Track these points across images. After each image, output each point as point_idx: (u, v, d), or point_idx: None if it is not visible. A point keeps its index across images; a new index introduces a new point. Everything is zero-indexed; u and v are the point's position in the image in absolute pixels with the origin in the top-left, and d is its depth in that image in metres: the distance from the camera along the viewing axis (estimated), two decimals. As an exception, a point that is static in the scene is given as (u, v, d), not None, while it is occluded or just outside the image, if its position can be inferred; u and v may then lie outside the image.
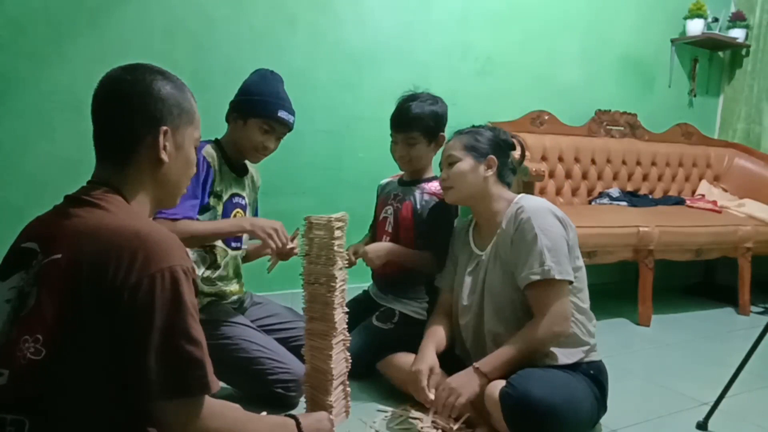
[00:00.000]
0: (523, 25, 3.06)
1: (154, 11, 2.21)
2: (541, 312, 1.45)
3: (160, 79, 0.96)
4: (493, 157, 1.61)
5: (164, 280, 0.80)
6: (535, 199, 1.57)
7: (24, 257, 0.86)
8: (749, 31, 3.67)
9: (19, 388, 0.78)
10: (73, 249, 0.82)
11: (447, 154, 1.66)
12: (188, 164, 1.01)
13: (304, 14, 2.50)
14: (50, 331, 0.79)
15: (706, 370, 2.12)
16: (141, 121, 0.93)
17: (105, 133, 0.97)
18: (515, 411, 1.32)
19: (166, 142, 0.95)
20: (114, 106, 0.95)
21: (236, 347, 1.59)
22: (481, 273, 1.60)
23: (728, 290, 3.12)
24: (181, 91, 0.99)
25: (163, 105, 0.95)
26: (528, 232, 1.47)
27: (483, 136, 1.65)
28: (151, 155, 0.94)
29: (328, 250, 1.44)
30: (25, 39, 2.03)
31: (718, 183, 3.61)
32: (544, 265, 1.43)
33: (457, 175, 1.61)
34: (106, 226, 0.84)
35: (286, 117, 1.71)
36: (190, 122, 1.00)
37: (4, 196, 2.04)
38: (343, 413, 1.57)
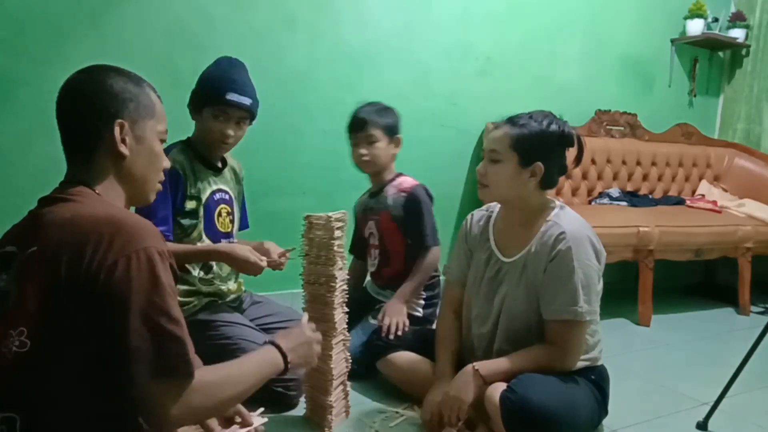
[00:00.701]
0: (523, 25, 3.06)
1: (154, 11, 2.21)
2: (556, 346, 1.42)
3: (113, 75, 0.98)
4: (540, 166, 1.44)
5: (140, 261, 0.80)
6: (575, 222, 1.46)
7: (3, 261, 0.87)
8: (749, 31, 3.66)
9: (8, 385, 0.79)
10: (48, 240, 0.83)
11: (491, 147, 1.48)
12: (153, 157, 1.01)
13: (304, 14, 2.50)
14: (33, 322, 0.79)
15: (706, 370, 2.12)
16: (96, 117, 0.95)
17: (67, 134, 0.99)
18: (515, 416, 1.31)
19: (124, 135, 0.95)
20: (70, 106, 0.98)
21: (236, 347, 1.59)
22: (502, 287, 1.52)
23: (728, 290, 3.12)
24: (137, 86, 0.99)
25: (117, 99, 0.96)
26: (566, 264, 1.39)
27: (535, 133, 1.45)
28: (112, 149, 0.95)
29: (327, 250, 1.44)
30: (25, 39, 2.02)
31: (718, 183, 3.61)
32: (577, 305, 1.39)
33: (495, 177, 1.47)
34: (80, 216, 0.86)
35: (236, 99, 1.62)
36: (149, 115, 0.99)
37: (4, 195, 2.03)
38: (343, 413, 1.58)
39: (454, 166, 2.99)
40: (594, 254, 1.44)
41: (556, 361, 1.42)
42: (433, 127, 2.87)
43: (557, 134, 1.46)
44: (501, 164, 1.46)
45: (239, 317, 1.70)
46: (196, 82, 1.69)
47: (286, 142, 2.52)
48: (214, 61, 1.73)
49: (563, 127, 1.47)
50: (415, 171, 2.82)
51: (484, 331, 1.56)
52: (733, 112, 3.81)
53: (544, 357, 1.42)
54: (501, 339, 1.52)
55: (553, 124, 1.46)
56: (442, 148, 2.91)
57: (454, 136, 2.94)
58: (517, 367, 1.42)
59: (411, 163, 2.82)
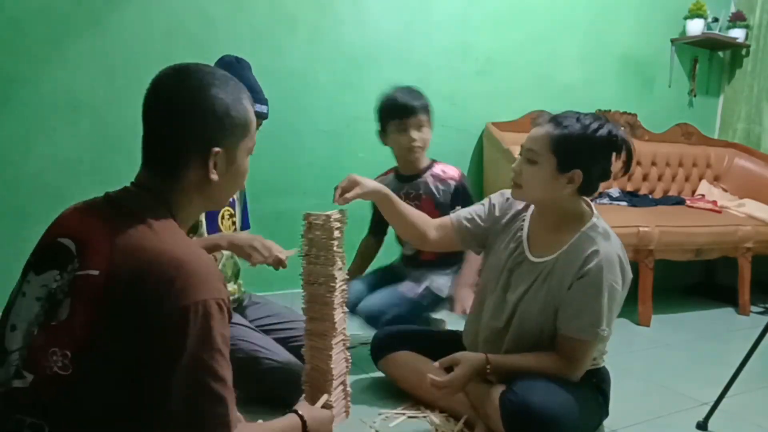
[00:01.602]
0: (523, 25, 3.06)
1: (155, 11, 2.21)
2: (567, 359, 1.41)
3: (216, 91, 0.90)
4: (579, 173, 1.36)
5: (197, 314, 0.78)
6: (609, 241, 1.40)
7: (59, 255, 0.84)
8: (749, 31, 3.67)
9: (42, 396, 0.78)
10: (110, 268, 0.80)
11: (528, 146, 1.40)
12: (240, 176, 0.97)
13: (304, 14, 2.50)
14: (79, 349, 0.78)
15: (706, 370, 2.12)
16: (192, 141, 0.89)
17: (153, 143, 0.91)
18: (515, 417, 1.31)
19: (218, 160, 0.90)
20: (164, 119, 0.89)
21: (235, 347, 1.59)
22: (521, 284, 1.47)
23: (728, 290, 3.12)
24: (237, 100, 0.92)
25: (217, 123, 0.90)
26: (595, 285, 1.34)
27: (579, 138, 1.35)
28: (201, 174, 0.90)
29: (327, 250, 1.44)
30: (25, 39, 2.02)
31: (718, 183, 3.61)
32: (599, 327, 1.35)
33: (530, 179, 1.40)
34: (146, 248, 0.81)
35: (257, 109, 1.62)
36: (244, 135, 0.95)
37: (4, 196, 2.03)
38: (343, 413, 1.57)
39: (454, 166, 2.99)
40: (621, 276, 1.39)
41: (564, 373, 1.40)
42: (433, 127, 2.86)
43: (604, 139, 1.36)
44: (537, 166, 1.38)
45: (239, 318, 1.70)
46: None
47: (286, 142, 2.52)
48: (222, 63, 1.70)
49: (614, 131, 1.38)
50: (415, 171, 2.84)
51: (498, 325, 1.51)
52: (733, 112, 3.81)
53: (552, 366, 1.41)
54: (511, 339, 1.49)
55: (601, 129, 1.36)
56: (442, 148, 2.89)
57: (454, 136, 2.94)
58: (524, 367, 1.41)
59: (411, 163, 2.83)
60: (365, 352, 1.84)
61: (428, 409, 1.65)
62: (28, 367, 0.80)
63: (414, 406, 1.68)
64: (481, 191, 3.01)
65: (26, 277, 0.87)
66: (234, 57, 1.72)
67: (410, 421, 1.61)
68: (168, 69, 0.93)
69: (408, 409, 1.67)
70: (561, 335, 1.41)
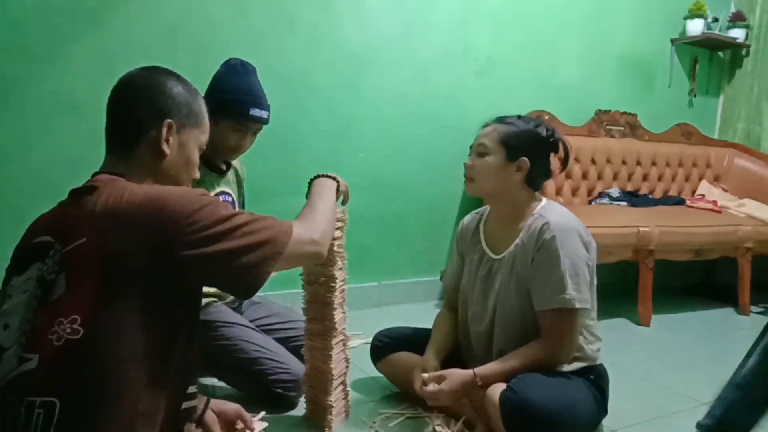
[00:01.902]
0: (523, 25, 3.06)
1: (155, 11, 2.21)
2: (551, 337, 1.43)
3: (173, 79, 1.02)
4: (525, 160, 1.49)
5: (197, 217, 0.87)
6: (561, 214, 1.48)
7: (38, 251, 0.88)
8: (749, 31, 3.66)
9: (52, 371, 0.80)
10: (95, 231, 0.85)
11: (480, 141, 1.53)
12: (189, 164, 1.04)
13: (304, 14, 2.50)
14: (89, 311, 0.81)
15: (706, 370, 2.12)
16: (148, 113, 0.98)
17: (114, 125, 1.01)
18: (515, 416, 1.31)
19: (170, 136, 0.99)
20: (125, 99, 1.00)
21: (235, 348, 1.59)
22: (495, 284, 1.54)
23: (728, 290, 3.12)
24: (192, 95, 1.03)
25: (172, 101, 0.99)
26: (551, 253, 1.41)
27: (523, 131, 1.51)
28: (154, 146, 0.98)
29: (327, 250, 1.44)
30: (25, 39, 2.03)
31: (718, 183, 3.61)
32: (564, 293, 1.39)
33: (482, 170, 1.51)
34: (121, 202, 0.87)
35: (258, 114, 1.64)
36: (196, 125, 1.03)
37: (4, 196, 2.03)
38: (343, 413, 1.58)
39: (454, 166, 2.96)
40: (582, 244, 1.45)
41: (552, 354, 1.42)
42: (433, 127, 2.87)
43: (544, 136, 1.52)
44: (488, 156, 1.50)
45: (238, 317, 1.70)
46: (210, 86, 1.66)
47: (286, 142, 2.52)
48: (227, 66, 1.69)
49: (552, 131, 1.54)
50: (416, 171, 2.84)
51: (480, 330, 1.57)
52: (733, 112, 3.81)
53: (538, 352, 1.42)
54: (499, 337, 1.52)
55: (540, 127, 1.53)
56: (442, 148, 2.91)
57: (454, 136, 2.94)
58: (512, 368, 1.42)
59: (411, 163, 2.83)
60: (365, 352, 1.84)
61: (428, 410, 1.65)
62: (31, 349, 0.81)
63: (413, 406, 1.68)
64: (481, 191, 3.02)
65: (9, 282, 0.90)
66: (239, 60, 1.70)
67: (410, 421, 1.61)
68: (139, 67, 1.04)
69: (408, 409, 1.67)
70: (538, 314, 1.45)
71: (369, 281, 2.78)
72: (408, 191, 2.85)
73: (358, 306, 2.52)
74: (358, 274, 2.46)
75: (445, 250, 3.00)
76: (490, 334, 1.55)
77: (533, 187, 1.53)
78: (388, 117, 2.75)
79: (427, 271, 2.96)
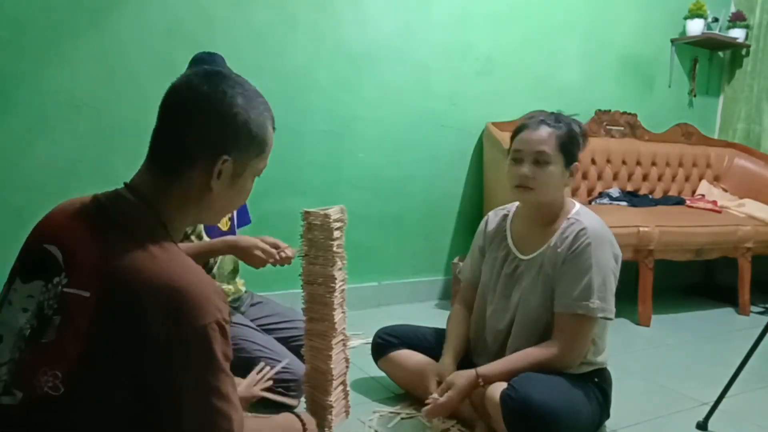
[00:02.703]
0: (523, 25, 3.06)
1: (154, 11, 2.21)
2: (563, 339, 1.42)
3: (241, 100, 0.86)
4: (577, 166, 1.48)
5: (197, 339, 0.76)
6: (596, 221, 1.46)
7: (46, 264, 0.81)
8: (749, 31, 3.66)
9: (32, 417, 0.77)
10: (102, 291, 0.77)
11: (538, 149, 1.42)
12: (240, 194, 0.94)
13: (304, 14, 2.50)
14: (71, 370, 0.76)
15: (706, 370, 2.12)
16: (203, 144, 0.85)
17: (163, 139, 0.87)
18: (515, 414, 1.31)
19: (224, 170, 0.86)
20: (180, 115, 0.86)
21: (236, 347, 1.59)
22: (521, 283, 1.52)
23: (728, 290, 3.12)
24: (260, 117, 0.89)
25: (235, 133, 0.86)
26: (585, 260, 1.40)
27: (572, 133, 1.45)
28: (203, 179, 0.86)
29: (326, 250, 1.44)
30: (25, 39, 2.02)
31: (718, 183, 3.61)
32: (590, 300, 1.38)
33: (545, 180, 1.43)
34: (140, 271, 0.77)
35: None
36: (258, 154, 0.91)
37: (4, 196, 2.03)
38: (343, 413, 1.57)
39: (454, 166, 2.99)
40: (612, 254, 1.45)
41: (559, 357, 1.41)
42: (433, 127, 2.87)
43: (582, 134, 1.49)
44: (552, 166, 1.43)
45: (240, 318, 1.70)
46: None
47: (286, 142, 2.52)
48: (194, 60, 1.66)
49: (581, 126, 1.51)
50: (416, 171, 2.84)
51: (500, 328, 1.56)
52: (733, 112, 3.81)
53: (546, 353, 1.42)
54: (516, 336, 1.51)
55: (574, 124, 1.49)
56: (442, 148, 2.91)
57: (454, 136, 2.94)
58: (516, 368, 1.41)
59: (411, 163, 2.83)
60: (365, 352, 1.84)
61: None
62: (17, 385, 0.77)
63: (412, 405, 1.68)
64: (482, 191, 3.02)
65: (12, 284, 0.85)
66: (206, 53, 1.68)
67: (409, 421, 1.61)
68: (199, 69, 0.90)
69: (405, 408, 1.67)
70: (556, 315, 1.44)
71: (369, 281, 2.78)
72: (408, 191, 2.85)
73: (358, 306, 2.53)
74: (358, 274, 2.46)
75: (445, 250, 3.00)
76: (508, 333, 1.54)
77: None
78: (388, 117, 2.75)
79: (427, 271, 2.96)
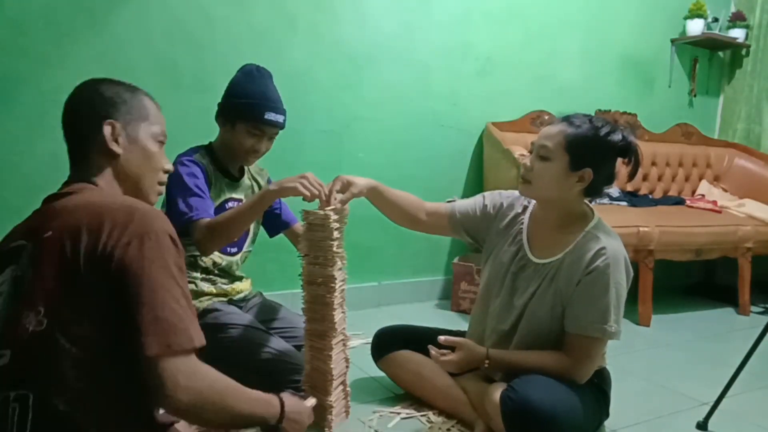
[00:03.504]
0: (523, 25, 3.06)
1: (154, 11, 2.21)
2: (575, 358, 1.39)
3: (105, 83, 1.04)
4: (590, 172, 1.38)
5: (152, 240, 0.85)
6: (615, 239, 1.42)
7: (13, 254, 0.89)
8: (749, 31, 3.67)
9: (23, 363, 0.80)
10: (62, 223, 0.87)
11: (542, 143, 1.41)
12: (147, 157, 1.05)
13: (304, 14, 2.50)
14: (49, 301, 0.82)
15: (706, 370, 2.12)
16: (89, 120, 1.01)
17: (68, 140, 1.05)
18: (515, 415, 1.31)
19: (116, 135, 1.00)
20: (68, 114, 1.05)
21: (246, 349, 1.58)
22: (529, 287, 1.47)
23: (728, 290, 3.12)
24: (129, 91, 1.05)
25: (107, 102, 1.01)
26: (602, 282, 1.36)
27: (593, 138, 1.38)
28: (105, 149, 1.00)
29: (326, 251, 1.44)
30: (25, 39, 2.02)
31: (718, 183, 3.61)
32: (607, 323, 1.35)
33: (541, 175, 1.41)
34: (93, 202, 0.90)
35: (273, 118, 1.64)
36: (143, 118, 1.04)
37: (3, 196, 2.03)
38: (343, 413, 1.58)
39: (454, 166, 2.99)
40: (626, 274, 1.41)
41: (570, 373, 1.40)
42: (433, 127, 2.87)
43: (616, 143, 1.39)
44: (550, 162, 1.40)
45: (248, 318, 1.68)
46: (227, 91, 1.67)
47: (286, 142, 2.51)
48: (242, 71, 1.69)
49: (628, 137, 1.41)
50: (416, 171, 2.84)
51: (504, 328, 1.52)
52: (733, 112, 3.81)
53: (557, 365, 1.40)
54: (519, 342, 1.49)
55: (614, 133, 1.40)
56: (442, 148, 2.91)
57: (454, 136, 2.94)
58: (525, 365, 1.40)
59: (411, 163, 2.83)
60: (365, 352, 1.84)
61: (427, 409, 1.65)
62: (4, 345, 0.82)
63: (412, 405, 1.68)
64: (481, 191, 3.01)
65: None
66: (255, 66, 1.70)
67: (409, 421, 1.61)
68: None
69: (405, 408, 1.67)
70: (569, 334, 1.41)
71: (369, 281, 2.78)
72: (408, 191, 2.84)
73: (358, 306, 2.53)
74: (358, 274, 2.46)
75: (445, 250, 3.00)
76: (511, 336, 1.50)
77: (592, 194, 1.45)
78: (388, 117, 2.75)
79: (427, 271, 2.96)
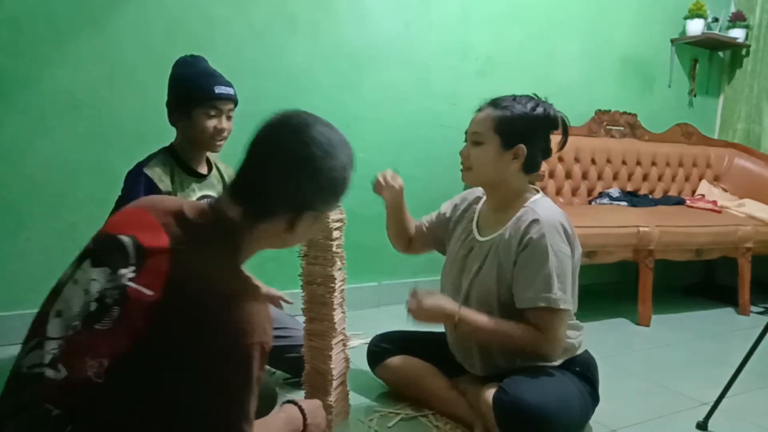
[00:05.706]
0: (523, 25, 3.06)
1: (154, 11, 2.21)
2: (543, 331, 1.38)
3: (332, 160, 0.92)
4: (522, 148, 1.44)
5: (242, 356, 0.81)
6: (550, 209, 1.44)
7: (116, 253, 0.85)
8: (749, 31, 3.67)
9: (73, 397, 0.78)
10: (165, 292, 0.81)
11: (473, 130, 1.49)
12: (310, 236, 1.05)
13: (304, 14, 2.50)
14: (117, 362, 0.79)
15: (706, 370, 2.12)
16: (293, 200, 0.92)
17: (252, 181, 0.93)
18: (508, 416, 1.31)
19: (306, 219, 0.94)
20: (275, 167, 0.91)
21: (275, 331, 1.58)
22: (473, 265, 1.51)
23: (728, 290, 3.12)
24: (345, 174, 0.96)
25: (321, 192, 0.94)
26: (539, 252, 1.37)
27: (519, 116, 1.46)
28: (284, 228, 0.94)
29: (326, 250, 1.44)
30: (25, 39, 2.02)
31: (718, 183, 3.61)
32: (551, 292, 1.35)
33: (478, 160, 1.47)
34: (204, 279, 0.83)
35: (225, 91, 1.62)
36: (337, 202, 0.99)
37: (4, 196, 2.03)
38: (343, 413, 1.58)
39: (454, 166, 2.95)
40: (567, 243, 1.41)
41: (537, 346, 1.39)
42: (433, 127, 2.87)
43: (542, 117, 1.47)
44: (483, 146, 1.46)
45: None
46: (170, 86, 1.66)
47: (286, 142, 2.52)
48: (178, 63, 1.69)
49: (548, 109, 1.49)
50: (416, 171, 2.83)
51: None
52: (733, 112, 3.81)
53: (523, 336, 1.38)
54: None
55: (538, 107, 1.48)
56: (442, 148, 2.90)
57: (454, 136, 2.93)
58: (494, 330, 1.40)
59: (411, 163, 2.83)
60: (365, 352, 1.83)
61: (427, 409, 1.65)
62: (65, 362, 0.80)
63: (412, 405, 1.68)
64: (481, 191, 3.02)
65: (81, 265, 0.87)
66: (187, 55, 1.71)
67: (409, 421, 1.61)
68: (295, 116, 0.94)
69: (405, 408, 1.67)
70: (521, 313, 1.41)
71: (369, 281, 2.78)
72: (408, 191, 2.83)
73: (357, 306, 2.52)
74: (357, 274, 2.46)
75: (445, 250, 3.00)
76: None
77: (532, 170, 1.49)
78: (388, 117, 2.75)
79: (427, 271, 2.95)
